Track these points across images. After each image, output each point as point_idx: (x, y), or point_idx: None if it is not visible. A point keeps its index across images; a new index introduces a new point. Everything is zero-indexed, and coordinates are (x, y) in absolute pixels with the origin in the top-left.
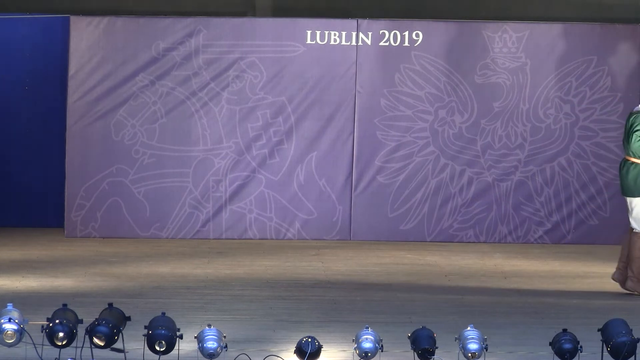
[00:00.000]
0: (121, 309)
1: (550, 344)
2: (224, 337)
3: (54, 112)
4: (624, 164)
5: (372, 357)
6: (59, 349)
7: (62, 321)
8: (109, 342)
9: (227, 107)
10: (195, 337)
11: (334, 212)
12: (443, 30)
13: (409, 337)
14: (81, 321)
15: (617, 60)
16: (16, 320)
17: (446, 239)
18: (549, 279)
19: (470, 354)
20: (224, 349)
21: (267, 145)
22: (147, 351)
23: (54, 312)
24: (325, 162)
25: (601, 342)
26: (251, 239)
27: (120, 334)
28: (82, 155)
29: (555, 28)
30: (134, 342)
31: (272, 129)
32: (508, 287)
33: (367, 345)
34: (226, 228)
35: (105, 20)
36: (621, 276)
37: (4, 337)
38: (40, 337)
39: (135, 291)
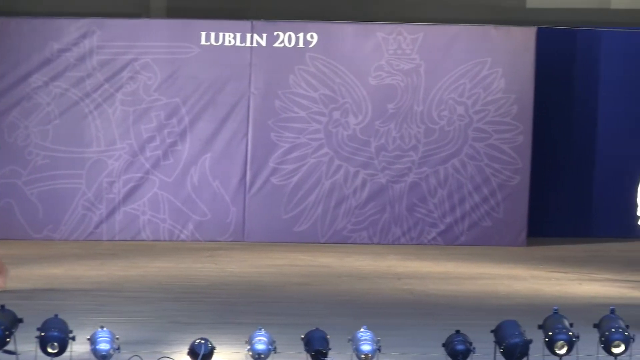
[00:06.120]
0: (13, 310)
1: (444, 345)
2: (117, 338)
3: None
4: None
5: (266, 359)
6: None
7: None
8: (1, 345)
9: (121, 109)
10: (87, 339)
11: (227, 214)
12: (338, 31)
13: (302, 339)
14: None
15: (511, 62)
16: None
17: (340, 240)
18: (443, 280)
19: (363, 355)
20: (117, 351)
21: (161, 147)
22: (40, 353)
23: None
24: (219, 164)
25: (494, 344)
26: (144, 240)
27: (13, 336)
28: None
29: (450, 30)
30: (26, 344)
31: (166, 130)
32: (401, 288)
33: (260, 346)
34: (119, 229)
35: None
36: None
37: None
38: None
39: (28, 293)
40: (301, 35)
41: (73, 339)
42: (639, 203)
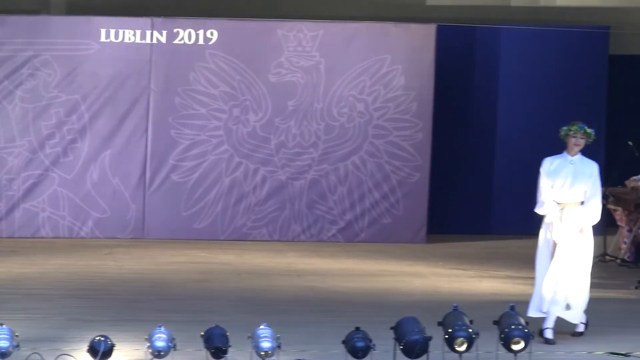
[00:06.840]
0: None
1: (343, 342)
2: (16, 335)
3: None
4: None
5: (165, 356)
6: None
7: None
8: None
9: (20, 106)
10: None
11: (127, 211)
12: (238, 28)
13: (202, 336)
14: None
15: (411, 59)
16: None
17: (240, 237)
18: (343, 277)
19: (263, 352)
20: (16, 348)
21: (61, 144)
22: None
23: None
24: (119, 161)
25: (394, 340)
26: (44, 237)
27: None
28: None
29: (350, 27)
30: None
31: (66, 127)
32: (302, 285)
33: (160, 344)
34: (19, 226)
35: None
36: None
37: None
38: None
39: None
40: (201, 32)
41: None
42: (539, 200)
